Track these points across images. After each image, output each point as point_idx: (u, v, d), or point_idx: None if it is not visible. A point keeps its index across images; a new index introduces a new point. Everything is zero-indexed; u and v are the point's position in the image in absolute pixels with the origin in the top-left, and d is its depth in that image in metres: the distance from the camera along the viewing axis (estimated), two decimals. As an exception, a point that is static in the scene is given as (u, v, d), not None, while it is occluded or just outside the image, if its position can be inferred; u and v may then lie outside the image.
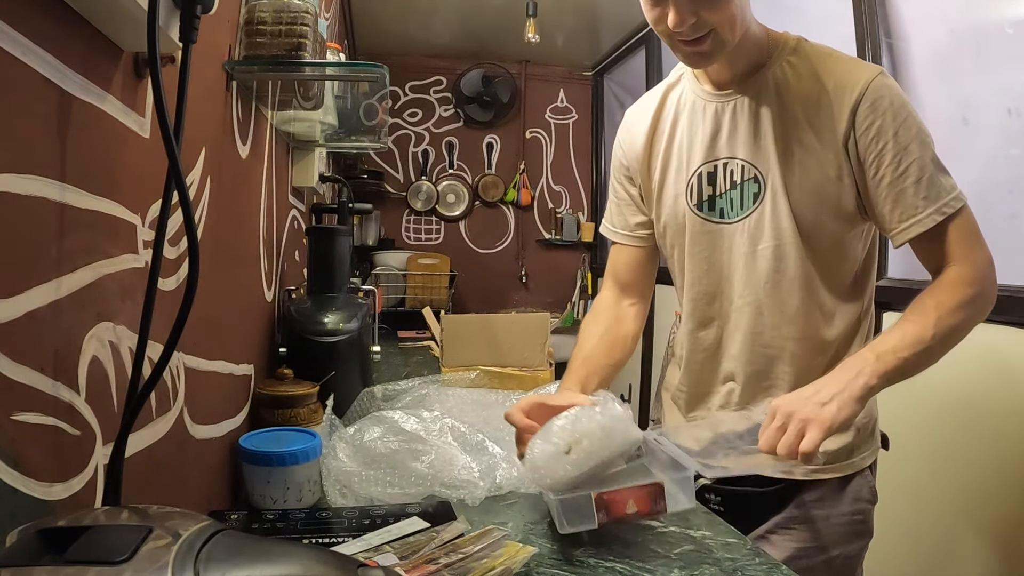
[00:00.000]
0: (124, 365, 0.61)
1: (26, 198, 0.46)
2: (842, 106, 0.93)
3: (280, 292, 1.47)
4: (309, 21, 1.02)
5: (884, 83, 0.93)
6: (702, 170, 1.05)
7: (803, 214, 0.98)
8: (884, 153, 0.92)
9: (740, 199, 1.02)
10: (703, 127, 1.05)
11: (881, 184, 0.93)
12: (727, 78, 1.02)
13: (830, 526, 1.02)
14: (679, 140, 1.08)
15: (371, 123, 1.56)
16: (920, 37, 1.82)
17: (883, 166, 0.92)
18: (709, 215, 1.05)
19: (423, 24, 3.64)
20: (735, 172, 1.02)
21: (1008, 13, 1.62)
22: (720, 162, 1.03)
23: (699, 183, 1.05)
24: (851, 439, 1.03)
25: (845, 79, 0.94)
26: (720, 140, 1.03)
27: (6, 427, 0.44)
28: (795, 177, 0.97)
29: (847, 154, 0.95)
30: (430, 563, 0.76)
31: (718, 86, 1.03)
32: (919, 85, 1.83)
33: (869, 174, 0.94)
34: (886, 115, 0.92)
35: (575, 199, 4.37)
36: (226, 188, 0.97)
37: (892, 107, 0.92)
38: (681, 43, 0.94)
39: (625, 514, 0.82)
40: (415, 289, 3.78)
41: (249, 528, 0.86)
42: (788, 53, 0.99)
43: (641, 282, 1.20)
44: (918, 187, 0.92)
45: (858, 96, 0.93)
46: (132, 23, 0.56)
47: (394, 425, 1.05)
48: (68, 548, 0.38)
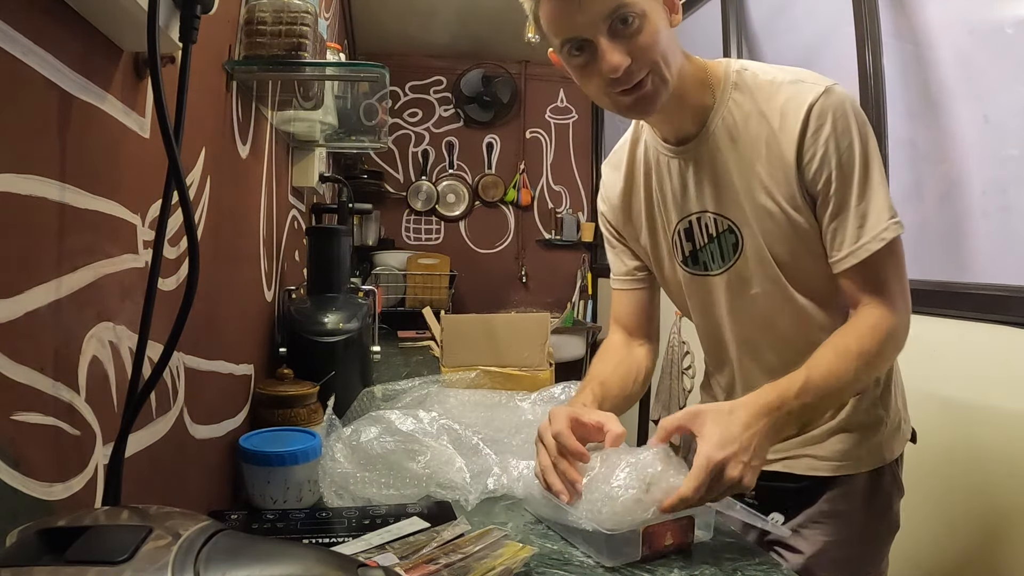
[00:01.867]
0: (124, 365, 0.61)
1: (26, 198, 0.46)
2: (790, 141, 0.91)
3: (280, 292, 1.47)
4: (309, 21, 1.02)
5: (826, 105, 0.89)
6: (679, 227, 1.04)
7: (782, 257, 0.96)
8: (829, 183, 0.90)
9: (720, 251, 1.01)
10: (671, 184, 1.03)
11: (826, 215, 0.92)
12: (680, 131, 0.99)
13: (858, 519, 1.02)
14: (655, 197, 1.07)
15: (371, 123, 1.56)
16: (941, 37, 1.82)
17: (828, 195, 0.91)
18: (695, 269, 1.05)
19: (423, 24, 3.64)
20: (709, 225, 1.01)
21: (1010, 14, 1.62)
22: (694, 217, 1.02)
23: (680, 240, 1.05)
24: (877, 434, 1.04)
25: (787, 110, 0.91)
26: (689, 196, 1.01)
27: (6, 427, 0.44)
28: (765, 223, 0.95)
29: (802, 190, 0.92)
30: (430, 563, 0.76)
31: (676, 141, 1.00)
32: (940, 85, 1.82)
33: (818, 204, 0.93)
34: (828, 142, 0.89)
35: (575, 199, 4.36)
36: (226, 188, 0.97)
37: (834, 132, 0.89)
38: (620, 94, 0.88)
39: (663, 546, 0.83)
40: (415, 289, 3.78)
41: (249, 528, 0.86)
42: (731, 90, 0.95)
43: (646, 324, 1.18)
44: (855, 215, 0.90)
45: (801, 128, 0.90)
46: (132, 23, 0.56)
47: (391, 425, 1.05)
48: (68, 548, 0.38)
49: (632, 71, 0.85)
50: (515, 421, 1.27)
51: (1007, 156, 1.62)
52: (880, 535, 1.05)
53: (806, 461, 1.05)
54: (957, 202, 1.75)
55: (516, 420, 1.27)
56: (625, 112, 0.92)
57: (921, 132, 1.85)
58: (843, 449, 1.03)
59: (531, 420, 1.26)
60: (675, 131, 0.99)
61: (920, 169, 1.87)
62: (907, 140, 1.88)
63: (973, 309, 1.59)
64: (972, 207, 1.71)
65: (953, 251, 1.78)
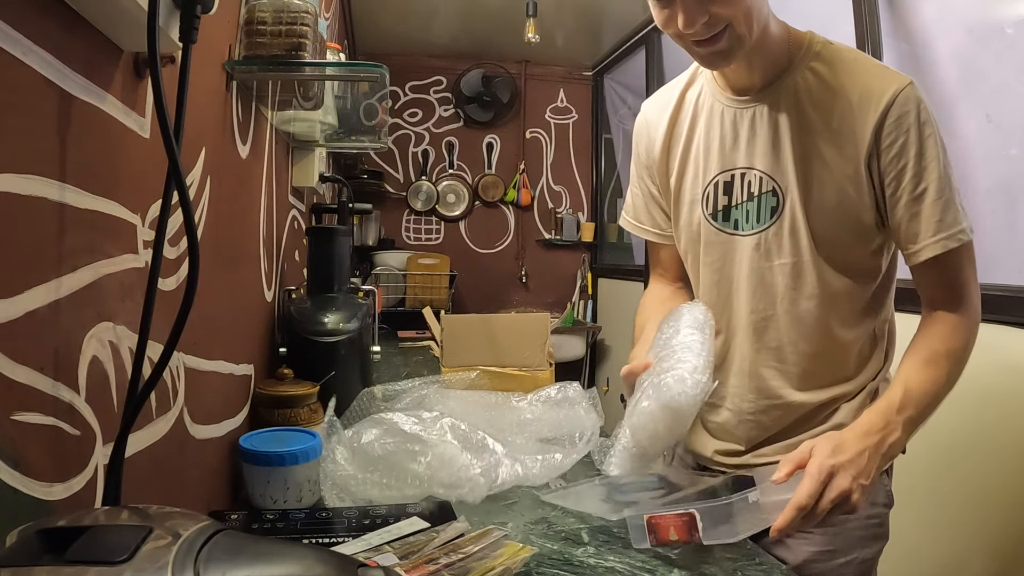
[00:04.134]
0: (124, 365, 0.61)
1: (26, 198, 0.46)
2: (866, 121, 0.90)
3: (280, 292, 1.47)
4: (309, 21, 1.02)
5: (911, 96, 0.89)
6: (719, 179, 1.02)
7: (821, 231, 0.95)
8: (904, 171, 0.90)
9: (757, 211, 0.99)
10: (721, 133, 1.01)
11: (899, 204, 0.91)
12: (747, 83, 0.98)
13: (846, 530, 1.00)
14: (696, 144, 1.05)
15: (371, 123, 1.56)
16: (940, 37, 1.82)
17: (902, 185, 0.90)
18: (723, 226, 1.02)
19: (423, 24, 3.64)
20: (753, 183, 0.99)
21: (1007, 14, 1.62)
22: (738, 171, 1.00)
23: (715, 192, 1.02)
24: None
25: (871, 91, 0.90)
26: (739, 149, 1.00)
27: (6, 427, 0.44)
28: (814, 193, 0.94)
29: (868, 170, 0.92)
30: (430, 563, 0.76)
31: (737, 91, 0.99)
32: (941, 84, 1.82)
33: (888, 191, 0.92)
34: (911, 132, 0.89)
35: (575, 199, 4.37)
36: (226, 188, 0.97)
37: (917, 123, 0.89)
38: (695, 44, 0.89)
39: (669, 540, 0.82)
40: (415, 289, 3.78)
41: (249, 528, 0.86)
42: (812, 58, 0.95)
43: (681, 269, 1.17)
44: (934, 209, 0.90)
45: (883, 111, 0.89)
46: (132, 23, 0.56)
47: (392, 426, 1.05)
48: (68, 548, 0.38)
49: (708, 26, 0.86)
50: (515, 421, 1.27)
51: (1009, 156, 1.62)
52: (868, 546, 1.02)
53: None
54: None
55: (516, 420, 1.27)
56: (699, 62, 0.94)
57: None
58: None
59: (530, 420, 1.26)
60: (743, 82, 0.98)
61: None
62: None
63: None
64: (975, 207, 1.71)
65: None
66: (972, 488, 1.56)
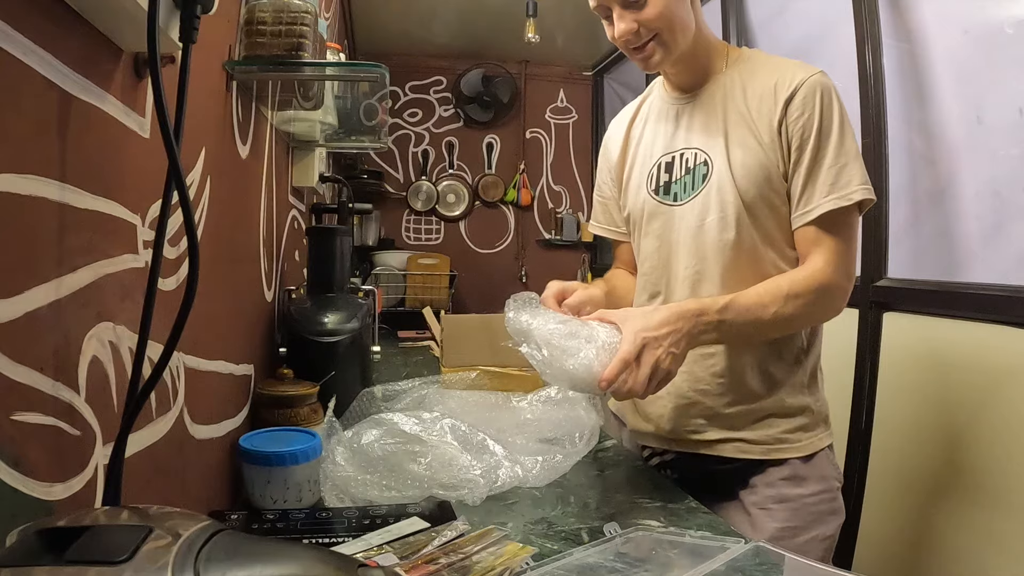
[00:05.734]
0: (124, 365, 0.61)
1: (26, 198, 0.46)
2: (779, 97, 1.04)
3: (280, 292, 1.47)
4: (309, 21, 1.02)
5: (820, 81, 1.03)
6: (662, 160, 1.17)
7: (747, 188, 1.07)
8: (806, 140, 1.03)
9: (692, 182, 1.12)
10: (665, 126, 1.18)
11: (799, 169, 1.03)
12: (687, 82, 1.15)
13: (804, 505, 1.07)
14: (646, 138, 1.22)
15: (371, 123, 1.56)
16: (935, 39, 1.82)
17: (804, 152, 1.03)
18: (664, 199, 1.16)
19: (423, 24, 3.64)
20: (689, 160, 1.13)
21: (1006, 14, 1.62)
22: (677, 153, 1.15)
23: (658, 171, 1.17)
24: (805, 420, 1.11)
25: (785, 76, 1.05)
26: (679, 135, 1.16)
27: (6, 427, 0.44)
28: (738, 156, 1.07)
29: (780, 138, 1.05)
30: (430, 563, 0.76)
31: (680, 90, 1.17)
32: (934, 85, 1.82)
33: (792, 158, 1.04)
34: (815, 108, 1.02)
35: (575, 199, 4.37)
36: (226, 188, 0.97)
37: (822, 102, 1.02)
38: (631, 51, 1.08)
39: None
40: (415, 289, 3.78)
41: (249, 528, 0.86)
42: (742, 62, 1.12)
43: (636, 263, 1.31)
44: (828, 175, 1.01)
45: (793, 89, 1.03)
46: (132, 23, 0.56)
47: (393, 427, 1.05)
48: (68, 548, 0.38)
49: (639, 35, 1.04)
50: (515, 421, 1.27)
51: (1001, 156, 1.62)
52: (826, 522, 1.08)
53: (736, 445, 1.11)
54: (950, 202, 1.75)
55: (516, 420, 1.27)
56: (638, 65, 1.11)
57: (916, 132, 1.85)
58: (772, 434, 1.09)
59: (530, 420, 1.26)
60: (684, 83, 1.16)
61: (915, 169, 1.87)
62: (904, 140, 1.88)
63: (973, 309, 1.58)
64: (965, 208, 1.71)
65: (946, 251, 1.78)
66: (972, 488, 1.56)
